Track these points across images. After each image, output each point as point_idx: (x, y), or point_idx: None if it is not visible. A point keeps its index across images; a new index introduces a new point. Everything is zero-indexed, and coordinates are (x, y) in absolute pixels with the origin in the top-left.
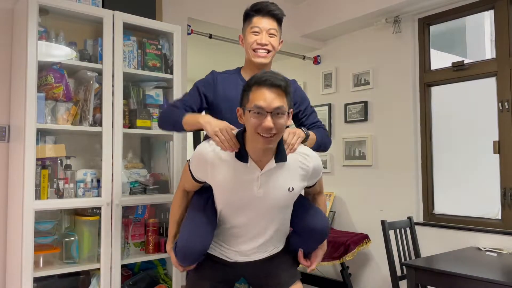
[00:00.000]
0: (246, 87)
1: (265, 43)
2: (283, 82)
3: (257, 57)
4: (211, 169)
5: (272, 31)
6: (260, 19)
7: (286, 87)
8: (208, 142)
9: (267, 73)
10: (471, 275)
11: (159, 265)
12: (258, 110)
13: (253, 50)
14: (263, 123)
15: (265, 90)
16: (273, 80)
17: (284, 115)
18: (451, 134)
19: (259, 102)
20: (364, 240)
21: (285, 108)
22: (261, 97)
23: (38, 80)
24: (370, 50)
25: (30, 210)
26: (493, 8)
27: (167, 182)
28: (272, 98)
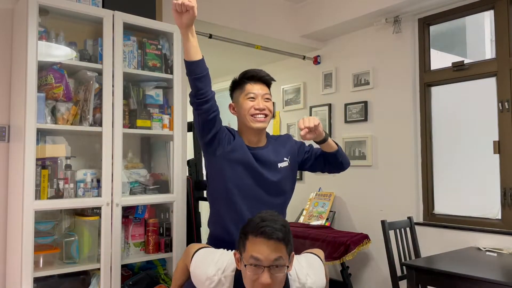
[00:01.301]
0: (243, 232)
1: (262, 107)
2: (281, 232)
3: (256, 122)
4: None
5: (267, 95)
6: (253, 85)
7: (285, 237)
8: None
9: (265, 218)
10: (471, 275)
11: (159, 265)
12: (255, 263)
13: (251, 116)
14: (259, 278)
15: (262, 242)
16: (270, 231)
17: (283, 268)
18: (451, 134)
19: (256, 254)
20: (364, 240)
21: (284, 260)
22: (258, 250)
23: (38, 80)
24: (370, 50)
25: (30, 210)
26: (493, 8)
27: (167, 182)
28: (270, 251)
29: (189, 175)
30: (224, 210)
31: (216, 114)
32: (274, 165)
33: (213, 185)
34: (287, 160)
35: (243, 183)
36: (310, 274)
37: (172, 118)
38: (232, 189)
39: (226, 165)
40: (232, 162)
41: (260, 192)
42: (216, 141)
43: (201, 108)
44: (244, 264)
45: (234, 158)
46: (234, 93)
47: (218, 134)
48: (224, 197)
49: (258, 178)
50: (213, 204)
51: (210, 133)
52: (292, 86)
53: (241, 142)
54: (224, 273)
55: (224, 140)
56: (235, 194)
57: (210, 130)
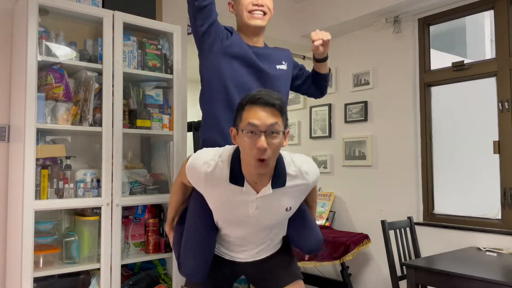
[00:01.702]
0: (239, 106)
1: (261, 3)
2: (278, 100)
3: (253, 19)
4: (205, 185)
5: None
6: None
7: (281, 106)
8: (203, 159)
9: (261, 91)
10: (471, 275)
11: (159, 265)
12: (251, 129)
13: (248, 12)
14: (256, 143)
15: (258, 109)
16: (267, 98)
17: (279, 135)
18: (451, 134)
19: (252, 120)
20: (364, 240)
21: (279, 127)
22: (254, 116)
23: (38, 80)
24: (370, 50)
25: (30, 210)
26: (493, 8)
27: (167, 182)
28: (266, 116)
29: None
30: (221, 112)
31: (211, 1)
32: (273, 65)
33: (209, 86)
34: (285, 65)
35: (243, 80)
36: (304, 162)
37: (172, 118)
38: (231, 87)
39: (224, 62)
40: (231, 58)
41: (260, 88)
42: (213, 33)
43: None
44: (241, 130)
45: (232, 53)
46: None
47: (214, 25)
48: (223, 97)
49: (257, 73)
50: (209, 106)
51: (205, 23)
52: None
53: (239, 38)
54: (221, 158)
55: (222, 34)
56: (234, 92)
57: (205, 18)
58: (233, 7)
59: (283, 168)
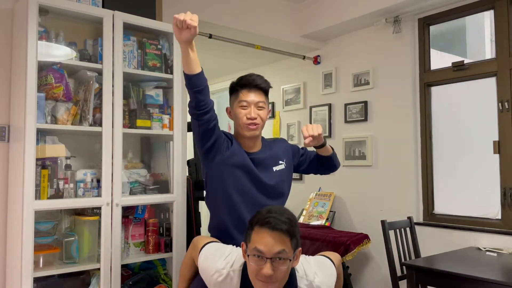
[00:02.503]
0: (250, 224)
1: (254, 116)
2: (287, 224)
3: (248, 130)
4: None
5: (260, 103)
6: (246, 93)
7: (290, 230)
8: (214, 268)
9: (271, 211)
10: (471, 275)
11: (159, 265)
12: (257, 254)
13: (244, 124)
14: (262, 270)
15: (266, 233)
16: (275, 223)
17: (286, 261)
18: (451, 134)
19: (259, 246)
20: (364, 240)
21: (287, 253)
22: (261, 241)
23: (38, 80)
24: (370, 50)
25: (30, 210)
26: (493, 8)
27: (167, 182)
28: (273, 243)
29: (189, 175)
30: (225, 216)
31: (216, 123)
32: (270, 168)
33: (212, 191)
34: (283, 163)
35: (243, 187)
36: (318, 273)
37: (172, 118)
38: (232, 194)
39: (225, 170)
40: (231, 167)
41: (260, 195)
42: (215, 148)
43: (203, 119)
44: (247, 255)
45: (233, 163)
46: (230, 98)
47: (217, 141)
48: (225, 203)
49: (256, 182)
50: (214, 210)
51: (209, 141)
52: (292, 86)
53: (238, 147)
54: (233, 267)
55: (223, 146)
56: (235, 199)
57: (210, 138)
58: (230, 113)
59: (295, 284)
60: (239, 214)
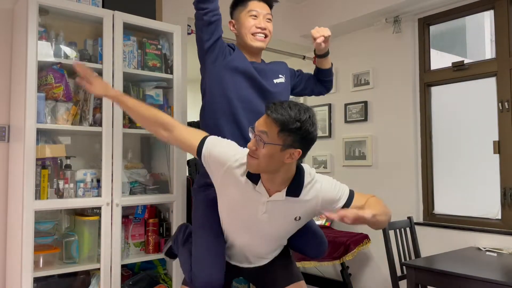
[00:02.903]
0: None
1: (264, 27)
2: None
3: (256, 41)
4: (223, 175)
5: (269, 16)
6: (256, 4)
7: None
8: (232, 152)
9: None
10: (471, 275)
11: (159, 265)
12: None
13: (251, 34)
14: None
15: (259, 2)
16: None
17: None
18: (451, 134)
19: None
20: (364, 240)
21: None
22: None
23: (38, 80)
24: (370, 50)
25: (30, 210)
26: (493, 8)
27: (167, 182)
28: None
29: (189, 175)
30: (223, 122)
31: (219, 18)
32: (271, 79)
33: (211, 96)
34: (283, 77)
35: (244, 93)
36: (326, 182)
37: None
38: (233, 99)
39: (226, 74)
40: (233, 71)
41: (261, 103)
42: (217, 48)
43: (205, 8)
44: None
45: (235, 67)
46: (235, 10)
47: (219, 40)
48: (225, 109)
49: (258, 88)
50: (210, 116)
51: (211, 38)
52: None
53: (241, 54)
54: (244, 160)
55: (225, 49)
56: (235, 104)
57: (212, 34)
58: (234, 27)
59: (302, 181)
60: (239, 122)
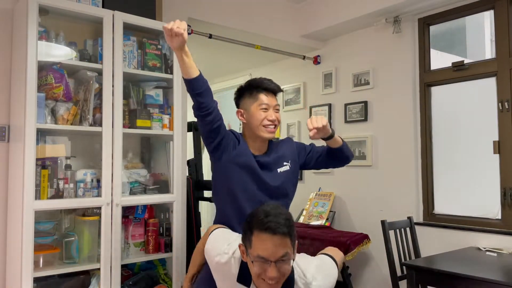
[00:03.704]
0: (247, 227)
1: (274, 119)
2: (287, 227)
3: (267, 132)
4: (214, 271)
5: (277, 106)
6: (267, 96)
7: (290, 230)
8: (217, 250)
9: (269, 215)
10: (471, 275)
11: (159, 265)
12: (261, 260)
13: (263, 126)
14: (267, 272)
15: (267, 239)
16: (275, 227)
17: (290, 261)
18: (451, 134)
19: (262, 253)
20: (364, 240)
21: (290, 254)
22: (264, 247)
23: (38, 80)
24: (370, 50)
25: (30, 210)
26: (493, 8)
27: (167, 182)
28: (276, 248)
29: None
30: (229, 211)
31: (220, 123)
32: (275, 170)
33: (218, 187)
34: (287, 164)
35: (247, 187)
36: (317, 277)
37: (172, 118)
38: (237, 192)
39: (231, 169)
40: (237, 166)
41: (263, 196)
42: (222, 148)
43: (206, 120)
44: (251, 261)
45: (239, 163)
46: (243, 100)
47: (223, 140)
48: (229, 199)
49: (260, 184)
50: (218, 204)
51: (215, 141)
52: (292, 86)
53: (245, 147)
54: (235, 254)
55: (229, 146)
56: (239, 196)
57: (215, 138)
58: (243, 116)
59: (292, 283)
60: (243, 210)
